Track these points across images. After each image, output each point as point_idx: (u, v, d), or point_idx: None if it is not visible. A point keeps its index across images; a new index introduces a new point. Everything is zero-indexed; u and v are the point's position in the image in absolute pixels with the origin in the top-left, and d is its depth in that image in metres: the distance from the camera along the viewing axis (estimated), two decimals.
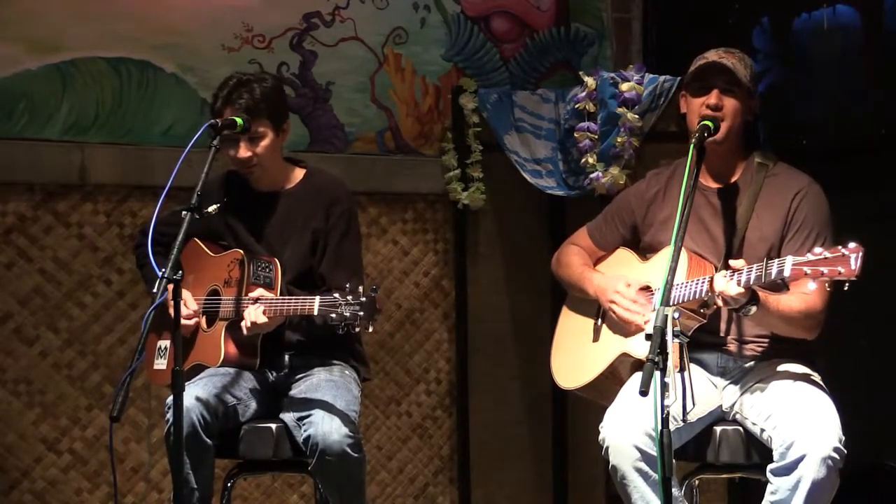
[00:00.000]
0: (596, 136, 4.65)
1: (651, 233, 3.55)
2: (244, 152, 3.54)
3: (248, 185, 3.68)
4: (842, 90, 4.62)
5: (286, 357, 3.65)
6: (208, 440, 3.39)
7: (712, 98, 3.36)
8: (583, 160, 4.67)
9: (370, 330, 3.25)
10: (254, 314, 3.38)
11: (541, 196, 4.92)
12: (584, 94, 4.69)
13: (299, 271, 3.58)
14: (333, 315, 3.22)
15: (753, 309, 3.15)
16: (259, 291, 3.43)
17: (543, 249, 4.96)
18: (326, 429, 3.35)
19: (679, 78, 4.58)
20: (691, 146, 3.25)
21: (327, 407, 3.41)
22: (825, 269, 2.92)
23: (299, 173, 3.73)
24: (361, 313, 3.19)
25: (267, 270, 3.55)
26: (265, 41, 4.71)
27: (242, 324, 3.42)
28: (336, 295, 3.23)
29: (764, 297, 3.16)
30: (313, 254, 3.63)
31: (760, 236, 3.37)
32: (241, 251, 3.58)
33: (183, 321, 3.47)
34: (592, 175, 4.63)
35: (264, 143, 3.57)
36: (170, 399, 3.15)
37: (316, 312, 3.28)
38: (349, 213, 3.69)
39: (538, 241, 5.05)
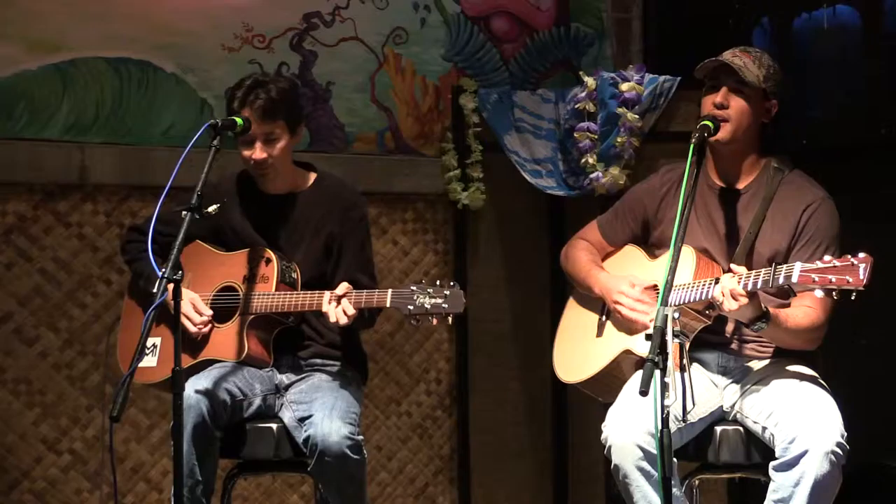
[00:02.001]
0: (596, 136, 4.65)
1: (661, 229, 3.55)
2: (260, 154, 3.53)
3: (257, 187, 3.67)
4: (842, 90, 4.62)
5: (289, 357, 3.65)
6: (215, 431, 3.40)
7: (719, 96, 3.36)
8: (583, 160, 4.67)
9: (450, 322, 3.31)
10: (342, 308, 3.37)
11: (541, 196, 4.92)
12: (584, 94, 4.69)
13: (311, 275, 3.58)
14: (410, 307, 3.27)
15: (764, 325, 3.15)
16: (344, 285, 3.42)
17: (543, 249, 4.97)
18: (326, 430, 3.35)
19: (679, 78, 4.59)
20: (691, 146, 3.25)
21: (327, 408, 3.42)
22: (833, 278, 2.92)
23: (310, 177, 3.72)
24: (445, 305, 3.26)
25: (291, 271, 3.57)
26: (265, 41, 4.71)
27: (333, 319, 3.39)
28: (413, 287, 3.28)
29: (774, 313, 3.17)
30: (326, 259, 3.63)
31: (769, 241, 3.37)
32: (269, 249, 3.58)
33: (194, 328, 3.50)
34: (592, 175, 4.64)
35: (280, 144, 3.56)
36: None
37: (388, 304, 3.33)
38: (365, 218, 3.71)
39: (538, 242, 5.05)
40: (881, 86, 4.51)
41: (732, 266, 3.20)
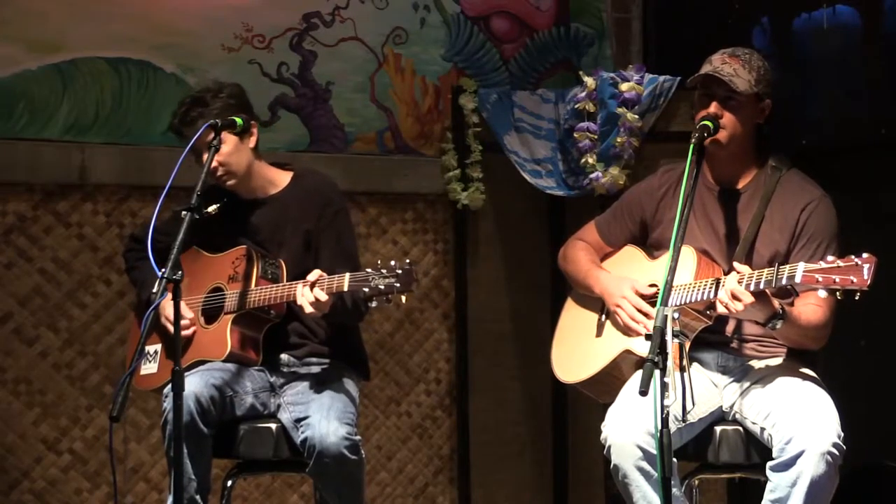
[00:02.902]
0: (595, 136, 4.65)
1: (660, 230, 3.54)
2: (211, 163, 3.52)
3: (233, 195, 3.66)
4: (842, 90, 4.62)
5: (284, 357, 3.66)
6: (205, 428, 3.40)
7: (711, 109, 3.34)
8: (582, 160, 4.67)
9: (404, 301, 3.28)
10: (312, 294, 3.36)
11: (541, 196, 4.92)
12: (583, 94, 4.69)
13: (296, 274, 3.57)
14: (366, 289, 3.25)
15: (780, 323, 3.15)
16: (317, 272, 3.41)
17: (543, 249, 4.98)
18: (323, 431, 3.35)
19: (679, 78, 4.59)
20: (691, 146, 3.25)
21: (324, 408, 3.42)
22: (837, 278, 2.92)
23: (286, 177, 3.71)
24: (398, 284, 3.23)
25: (274, 267, 3.58)
26: (265, 41, 4.71)
27: (309, 310, 3.38)
28: (368, 269, 3.27)
29: (789, 310, 3.17)
30: (308, 255, 3.63)
31: (769, 241, 3.36)
32: (250, 248, 3.58)
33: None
34: (592, 175, 4.64)
35: (225, 149, 3.53)
36: (167, 388, 3.18)
37: (346, 288, 3.31)
38: (343, 212, 3.69)
39: (538, 242, 5.05)
40: (881, 86, 4.51)
41: (735, 265, 3.20)
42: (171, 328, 3.45)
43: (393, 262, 3.26)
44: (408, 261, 3.27)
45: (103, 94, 4.46)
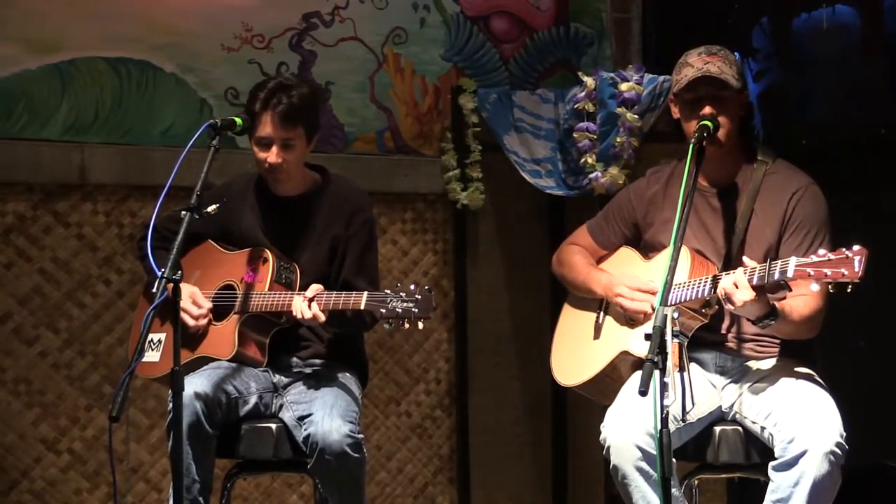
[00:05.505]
0: (595, 136, 4.65)
1: (651, 232, 3.55)
2: (276, 158, 3.52)
3: (268, 188, 3.68)
4: (842, 90, 4.61)
5: (289, 358, 3.66)
6: (211, 430, 3.41)
7: (707, 110, 3.33)
8: (582, 160, 4.67)
9: (420, 327, 3.31)
10: (310, 310, 3.38)
11: (540, 196, 4.92)
12: (583, 94, 4.69)
13: (315, 277, 3.57)
14: (383, 310, 3.27)
15: (772, 322, 3.15)
16: (315, 287, 3.43)
17: (543, 249, 4.97)
18: (326, 428, 3.36)
19: None
20: (691, 146, 3.24)
21: (328, 407, 3.42)
22: (828, 271, 2.93)
23: (319, 179, 3.72)
24: (416, 310, 3.26)
25: (288, 272, 3.58)
26: (265, 41, 4.71)
27: (299, 317, 3.41)
28: (387, 291, 3.28)
29: (780, 307, 3.17)
30: (331, 261, 3.64)
31: (760, 236, 3.37)
32: (267, 250, 3.59)
33: (193, 321, 3.51)
34: (592, 175, 4.64)
35: (297, 151, 3.56)
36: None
37: (363, 307, 3.32)
38: (371, 222, 3.71)
39: (538, 242, 5.05)
40: (881, 86, 4.51)
41: (745, 259, 3.19)
42: (185, 317, 3.48)
43: (412, 286, 3.28)
44: (427, 287, 3.30)
45: (103, 94, 4.46)
